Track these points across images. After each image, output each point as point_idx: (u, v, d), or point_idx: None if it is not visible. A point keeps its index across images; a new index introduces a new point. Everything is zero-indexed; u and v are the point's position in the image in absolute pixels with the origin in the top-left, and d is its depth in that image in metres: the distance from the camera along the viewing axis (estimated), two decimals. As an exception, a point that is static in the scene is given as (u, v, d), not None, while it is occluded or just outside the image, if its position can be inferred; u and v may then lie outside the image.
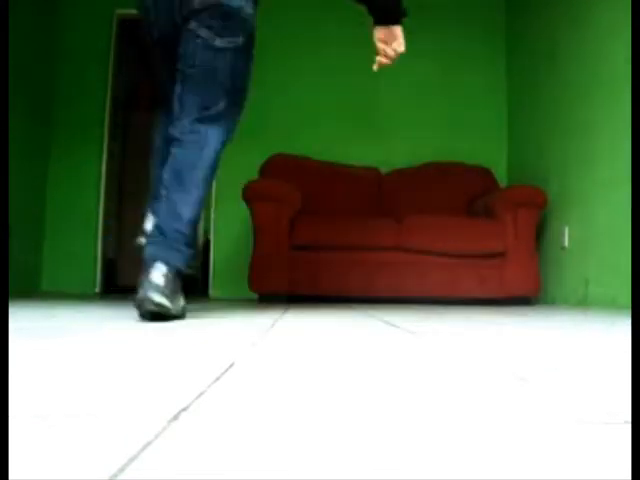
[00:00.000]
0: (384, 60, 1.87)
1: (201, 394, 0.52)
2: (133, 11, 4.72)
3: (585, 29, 3.32)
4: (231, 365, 0.71)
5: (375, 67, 1.88)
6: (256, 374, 0.66)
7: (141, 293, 1.48)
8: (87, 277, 4.48)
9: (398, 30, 1.85)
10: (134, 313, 1.56)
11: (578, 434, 0.41)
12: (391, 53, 1.85)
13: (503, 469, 0.33)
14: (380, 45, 1.85)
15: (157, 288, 1.48)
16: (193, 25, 1.72)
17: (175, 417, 0.43)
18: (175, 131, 1.75)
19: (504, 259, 3.42)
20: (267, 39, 4.65)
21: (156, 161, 1.98)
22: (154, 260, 1.55)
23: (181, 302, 1.61)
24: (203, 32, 1.72)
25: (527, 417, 0.46)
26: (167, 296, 1.49)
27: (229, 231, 4.46)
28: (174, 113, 1.78)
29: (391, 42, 1.85)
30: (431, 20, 4.61)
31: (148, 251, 1.60)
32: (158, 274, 1.52)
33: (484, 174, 4.17)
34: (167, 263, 1.55)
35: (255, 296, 3.54)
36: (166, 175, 1.70)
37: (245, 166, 4.28)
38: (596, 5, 3.19)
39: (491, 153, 4.48)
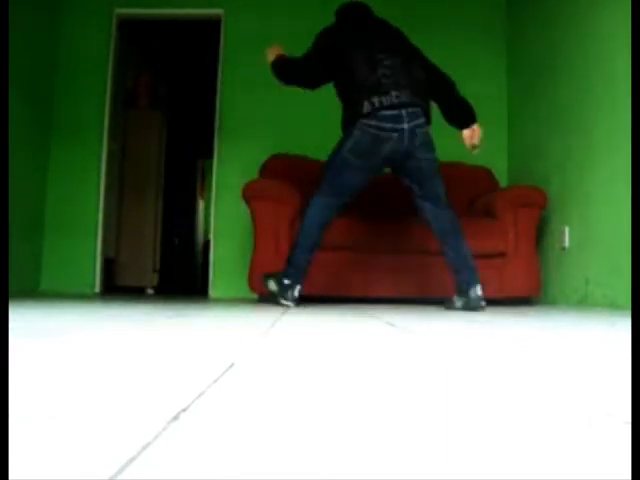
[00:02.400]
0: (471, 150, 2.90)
1: (201, 394, 0.52)
2: (132, 11, 4.77)
3: (585, 30, 3.32)
4: (231, 365, 0.71)
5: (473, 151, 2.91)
6: (256, 375, 0.66)
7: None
8: (86, 277, 4.48)
9: (475, 129, 2.86)
10: (134, 313, 1.56)
11: (577, 434, 0.41)
12: (470, 144, 2.87)
13: (501, 470, 0.33)
14: (466, 141, 2.88)
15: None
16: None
17: (175, 417, 0.43)
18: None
19: (504, 259, 3.42)
20: (269, 39, 4.65)
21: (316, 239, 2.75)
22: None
23: None
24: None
25: (526, 417, 0.46)
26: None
27: (229, 231, 4.46)
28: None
29: (471, 137, 2.85)
30: (432, 22, 4.61)
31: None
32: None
33: (484, 174, 4.17)
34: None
35: (255, 296, 3.53)
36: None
37: (245, 166, 4.28)
38: (596, 6, 3.19)
39: (491, 153, 4.48)
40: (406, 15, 4.57)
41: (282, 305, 2.68)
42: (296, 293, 2.69)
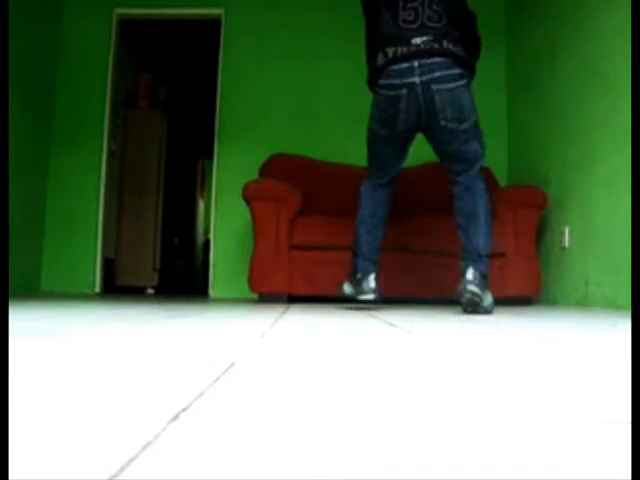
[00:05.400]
0: None
1: (201, 394, 0.52)
2: (132, 11, 4.77)
3: (585, 29, 3.32)
4: (231, 365, 0.71)
5: None
6: (256, 374, 0.66)
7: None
8: (86, 277, 4.48)
9: None
10: (134, 313, 1.56)
11: (577, 434, 0.41)
12: None
13: (501, 469, 0.33)
14: None
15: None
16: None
17: (175, 417, 0.43)
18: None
19: (504, 259, 3.42)
20: (269, 42, 4.66)
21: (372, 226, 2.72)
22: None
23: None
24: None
25: (526, 417, 0.46)
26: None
27: (229, 231, 4.46)
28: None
29: None
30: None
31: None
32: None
33: (484, 174, 4.16)
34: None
35: (255, 296, 3.54)
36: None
37: (245, 166, 4.28)
38: (596, 6, 3.19)
39: (491, 153, 4.46)
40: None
41: (362, 301, 2.51)
42: (372, 284, 2.49)
